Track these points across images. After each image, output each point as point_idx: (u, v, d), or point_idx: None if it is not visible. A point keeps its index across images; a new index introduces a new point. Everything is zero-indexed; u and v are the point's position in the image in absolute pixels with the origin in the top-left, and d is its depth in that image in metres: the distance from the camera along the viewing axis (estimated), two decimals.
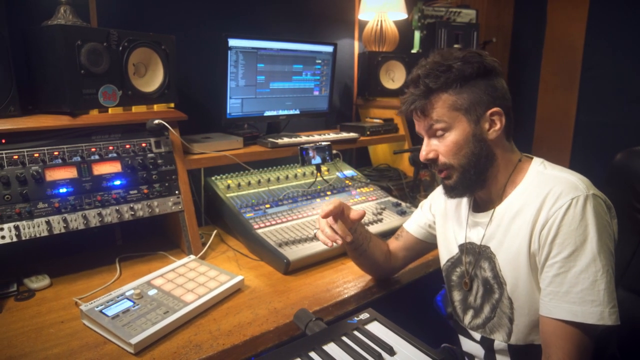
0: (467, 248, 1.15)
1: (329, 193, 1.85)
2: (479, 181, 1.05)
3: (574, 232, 0.90)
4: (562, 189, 0.94)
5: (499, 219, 1.06)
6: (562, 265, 0.91)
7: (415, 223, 1.33)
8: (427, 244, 1.33)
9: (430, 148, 1.06)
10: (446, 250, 1.23)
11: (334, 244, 1.15)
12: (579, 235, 0.90)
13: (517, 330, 1.04)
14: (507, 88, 1.06)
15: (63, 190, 1.30)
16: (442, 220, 1.25)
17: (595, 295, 0.88)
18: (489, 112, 1.02)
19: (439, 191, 1.32)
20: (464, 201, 1.18)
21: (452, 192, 1.08)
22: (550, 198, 0.95)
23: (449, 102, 1.01)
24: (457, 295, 1.20)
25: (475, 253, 1.12)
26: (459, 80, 1.00)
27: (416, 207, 1.39)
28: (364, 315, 0.99)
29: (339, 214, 1.16)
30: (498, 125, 1.03)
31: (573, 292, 0.89)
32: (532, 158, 1.09)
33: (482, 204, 1.12)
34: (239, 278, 1.31)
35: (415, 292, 1.51)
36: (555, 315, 0.91)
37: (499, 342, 1.08)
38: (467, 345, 1.19)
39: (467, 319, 1.16)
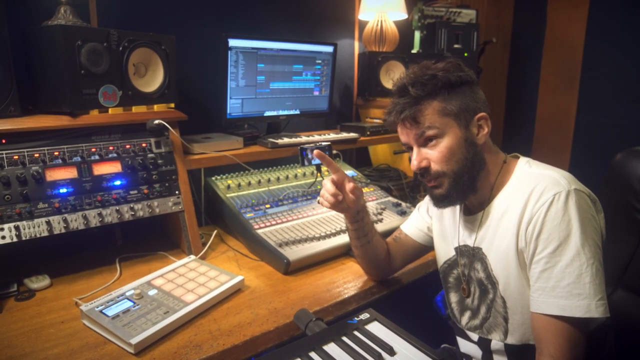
0: (461, 250, 1.15)
1: None
2: (472, 187, 1.06)
3: (557, 227, 0.91)
4: (545, 186, 0.95)
5: (488, 221, 1.07)
6: (548, 261, 0.92)
7: (413, 225, 1.34)
8: (425, 247, 1.33)
9: (422, 157, 1.05)
10: (443, 252, 1.23)
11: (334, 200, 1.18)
12: (562, 230, 0.91)
13: (513, 329, 1.05)
14: (485, 97, 1.08)
15: (63, 190, 1.30)
16: (438, 223, 1.25)
17: (581, 289, 0.89)
18: (477, 117, 1.04)
19: None
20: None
21: (444, 200, 1.07)
22: (534, 195, 0.96)
23: (438, 108, 1.01)
24: (454, 297, 1.20)
25: (470, 255, 1.12)
26: (446, 87, 1.01)
27: (416, 207, 1.39)
28: (364, 316, 0.99)
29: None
30: (485, 130, 1.05)
31: (560, 286, 0.90)
32: (518, 158, 1.10)
33: (472, 207, 1.13)
34: (239, 278, 1.31)
35: (415, 292, 1.51)
36: (544, 310, 0.92)
37: (496, 342, 1.08)
38: (465, 346, 1.19)
39: (465, 320, 1.16)
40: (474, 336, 1.14)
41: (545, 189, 0.95)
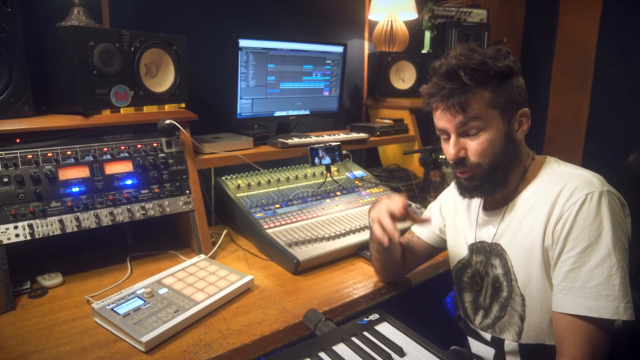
0: (477, 247, 1.14)
1: (338, 193, 1.85)
2: (503, 181, 1.04)
3: (589, 227, 0.90)
4: (576, 185, 0.94)
5: (511, 216, 1.05)
6: (576, 260, 0.91)
7: (424, 227, 1.32)
8: (435, 249, 1.32)
9: (460, 146, 1.01)
10: (456, 252, 1.22)
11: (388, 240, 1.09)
12: (593, 230, 0.90)
13: (528, 328, 1.03)
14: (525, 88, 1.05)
15: (75, 189, 1.31)
16: (452, 222, 1.24)
17: (610, 290, 0.87)
18: (520, 112, 1.02)
19: (447, 193, 1.31)
20: (475, 200, 1.17)
21: (474, 192, 1.06)
22: (565, 193, 0.94)
23: (487, 99, 0.97)
24: (467, 297, 1.19)
25: (486, 252, 1.11)
26: (496, 77, 0.97)
27: (426, 207, 1.39)
28: (374, 316, 0.99)
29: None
30: (525, 126, 1.03)
31: (587, 287, 0.89)
32: (545, 157, 1.08)
33: (493, 202, 1.11)
34: (248, 278, 1.31)
35: (424, 293, 1.50)
36: (569, 310, 0.90)
37: (509, 341, 1.07)
38: (477, 347, 1.18)
39: (478, 319, 1.15)
40: (487, 336, 1.13)
41: (577, 188, 0.93)
